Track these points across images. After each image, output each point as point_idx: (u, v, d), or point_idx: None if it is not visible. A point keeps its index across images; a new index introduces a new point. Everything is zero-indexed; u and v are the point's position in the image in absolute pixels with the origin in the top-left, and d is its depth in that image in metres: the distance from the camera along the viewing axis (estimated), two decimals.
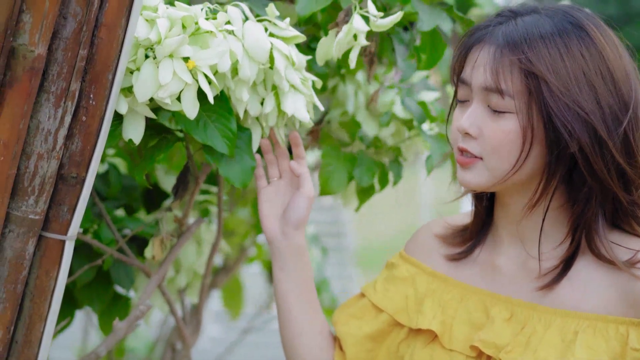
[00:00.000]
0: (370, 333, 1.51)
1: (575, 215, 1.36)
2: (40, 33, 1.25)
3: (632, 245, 1.35)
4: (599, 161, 1.31)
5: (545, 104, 1.30)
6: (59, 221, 1.38)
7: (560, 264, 1.37)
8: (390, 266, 1.57)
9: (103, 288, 1.76)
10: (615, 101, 1.33)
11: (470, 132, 1.36)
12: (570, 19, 1.35)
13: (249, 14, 1.45)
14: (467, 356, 1.39)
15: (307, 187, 1.54)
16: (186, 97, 1.36)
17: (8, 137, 1.27)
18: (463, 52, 1.40)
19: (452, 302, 1.45)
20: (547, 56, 1.31)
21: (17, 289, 1.37)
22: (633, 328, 1.31)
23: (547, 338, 1.34)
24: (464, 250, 1.49)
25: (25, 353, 1.41)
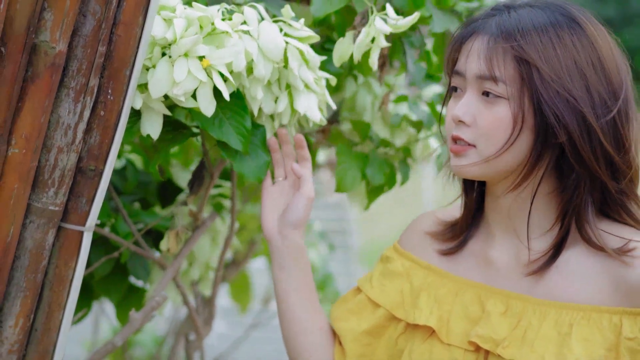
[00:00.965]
0: (368, 329, 1.53)
1: (563, 202, 1.39)
2: (61, 30, 1.29)
3: (622, 234, 1.37)
4: (587, 148, 1.34)
5: (536, 90, 1.34)
6: (77, 213, 1.42)
7: (550, 250, 1.39)
8: (385, 259, 1.58)
9: (119, 280, 1.80)
10: (605, 90, 1.36)
11: (464, 120, 1.38)
12: (563, 12, 1.38)
13: (264, 14, 1.49)
14: (466, 350, 1.41)
15: (307, 188, 1.56)
16: (201, 94, 1.40)
17: (30, 130, 1.31)
18: (457, 44, 1.43)
19: (448, 296, 1.47)
20: (539, 44, 1.35)
21: (37, 278, 1.41)
22: (626, 317, 1.33)
23: (543, 331, 1.36)
24: (455, 245, 1.51)
25: (44, 340, 1.46)
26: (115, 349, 1.58)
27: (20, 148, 1.31)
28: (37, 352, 1.45)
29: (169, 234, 1.64)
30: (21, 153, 1.31)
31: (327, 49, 1.69)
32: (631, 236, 1.37)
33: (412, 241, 1.57)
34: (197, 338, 1.92)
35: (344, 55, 1.56)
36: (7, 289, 1.40)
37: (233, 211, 1.75)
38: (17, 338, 1.43)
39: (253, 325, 3.03)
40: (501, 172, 1.39)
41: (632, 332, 1.32)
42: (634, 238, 1.36)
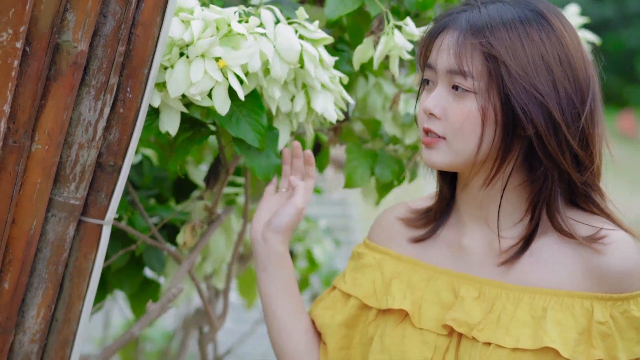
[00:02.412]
0: (342, 320, 1.56)
1: (533, 194, 1.43)
2: (82, 30, 1.33)
3: (592, 223, 1.42)
4: (553, 143, 1.38)
5: (503, 85, 1.37)
6: (97, 207, 1.47)
7: (521, 241, 1.44)
8: (357, 256, 1.62)
9: (134, 273, 1.85)
10: (572, 86, 1.39)
11: (435, 112, 1.42)
12: (532, 8, 1.42)
13: (280, 16, 1.54)
14: (438, 335, 1.45)
15: (297, 197, 1.58)
16: (217, 94, 1.45)
17: (52, 127, 1.36)
18: (429, 38, 1.47)
19: (420, 283, 1.50)
20: (507, 40, 1.38)
21: (58, 270, 1.46)
22: (597, 302, 1.38)
23: (517, 315, 1.40)
24: (428, 231, 1.54)
25: (64, 330, 1.51)
26: (133, 338, 1.63)
27: (43, 144, 1.36)
28: (57, 341, 1.51)
29: (185, 228, 1.69)
30: (44, 149, 1.36)
31: (339, 50, 1.73)
32: (601, 225, 1.42)
33: (381, 235, 1.60)
34: (210, 330, 1.96)
35: (363, 59, 1.61)
36: (29, 280, 1.45)
37: (246, 207, 1.79)
38: (38, 327, 1.47)
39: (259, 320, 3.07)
40: (471, 164, 1.43)
41: (603, 316, 1.37)
42: (604, 227, 1.41)
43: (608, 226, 1.42)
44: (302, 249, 2.98)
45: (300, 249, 2.98)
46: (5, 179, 1.33)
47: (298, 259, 3.02)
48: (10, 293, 1.41)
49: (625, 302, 1.38)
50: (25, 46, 1.29)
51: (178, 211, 1.82)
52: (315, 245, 2.96)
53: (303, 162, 1.63)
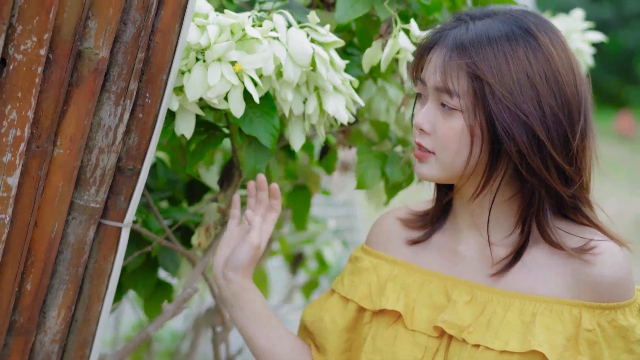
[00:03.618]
0: (344, 325, 1.58)
1: (522, 208, 1.46)
2: (104, 37, 1.36)
3: (583, 234, 1.45)
4: (537, 160, 1.40)
5: (487, 105, 1.39)
6: (116, 209, 1.50)
7: (512, 253, 1.46)
8: (354, 259, 1.64)
9: (148, 274, 1.88)
10: (558, 102, 1.40)
11: (424, 128, 1.46)
12: (521, 24, 1.43)
13: (292, 21, 1.57)
14: (430, 336, 1.48)
15: (252, 235, 1.55)
16: (233, 97, 1.48)
17: (74, 132, 1.39)
18: (420, 54, 1.50)
19: (414, 286, 1.53)
20: (492, 59, 1.39)
21: (79, 271, 1.49)
22: (585, 310, 1.41)
23: (507, 319, 1.43)
24: (424, 234, 1.57)
25: (84, 331, 1.54)
26: (148, 338, 1.66)
27: (65, 148, 1.39)
28: (77, 341, 1.54)
29: (200, 230, 1.72)
30: (66, 153, 1.39)
31: (349, 53, 1.76)
32: (591, 236, 1.44)
33: (378, 239, 1.63)
34: (223, 330, 2.00)
35: (372, 62, 1.65)
36: (50, 282, 1.48)
37: None
38: (59, 328, 1.51)
39: None
40: (460, 177, 1.46)
41: (591, 324, 1.41)
42: (594, 237, 1.44)
43: (597, 237, 1.44)
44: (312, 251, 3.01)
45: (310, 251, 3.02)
46: (29, 182, 1.36)
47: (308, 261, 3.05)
48: (32, 294, 1.44)
49: (613, 311, 1.42)
50: (48, 53, 1.32)
51: (191, 213, 1.86)
52: (325, 247, 2.99)
53: (269, 195, 1.63)
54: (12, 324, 1.45)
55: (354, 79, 1.64)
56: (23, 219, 1.37)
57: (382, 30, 1.65)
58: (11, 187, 1.33)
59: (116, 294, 1.88)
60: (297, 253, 3.09)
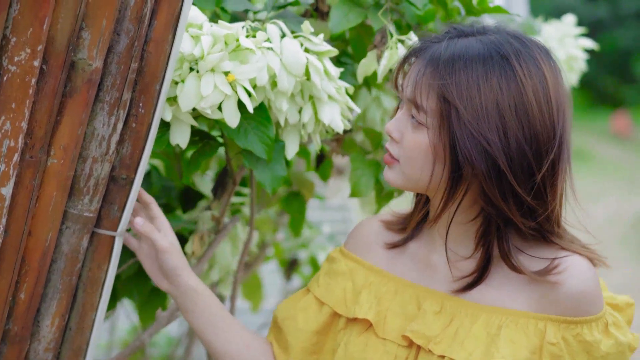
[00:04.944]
0: (316, 328, 1.58)
1: (479, 233, 1.46)
2: (97, 48, 1.37)
3: (546, 254, 1.45)
4: (495, 190, 1.39)
5: (452, 128, 1.39)
6: (109, 218, 1.51)
7: (474, 274, 1.47)
8: (331, 260, 1.64)
9: (142, 281, 1.89)
10: (525, 135, 1.38)
11: (393, 136, 1.47)
12: (501, 50, 1.41)
13: (286, 30, 1.58)
14: (400, 345, 1.49)
15: (157, 242, 1.55)
16: (227, 107, 1.49)
17: (68, 142, 1.39)
18: (403, 61, 1.51)
19: (388, 295, 1.54)
20: (464, 82, 1.38)
21: (72, 280, 1.50)
22: (550, 324, 1.42)
23: (473, 331, 1.44)
24: (402, 238, 1.58)
25: (78, 339, 1.54)
26: (142, 345, 1.67)
27: (58, 158, 1.40)
28: (71, 349, 1.54)
29: (194, 238, 1.73)
30: (59, 163, 1.40)
31: (343, 63, 1.77)
32: (554, 254, 1.44)
33: (357, 244, 1.64)
34: None
35: (367, 72, 1.66)
36: (44, 291, 1.49)
37: (252, 217, 1.83)
38: (52, 337, 1.51)
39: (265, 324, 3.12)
40: (425, 190, 1.47)
41: (555, 337, 1.41)
42: (558, 255, 1.44)
43: (561, 253, 1.44)
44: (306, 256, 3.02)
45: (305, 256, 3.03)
46: (22, 192, 1.37)
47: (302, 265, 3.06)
48: (26, 303, 1.45)
49: (579, 326, 1.42)
50: (42, 64, 1.32)
51: (185, 220, 1.86)
52: (319, 252, 3.00)
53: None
54: (6, 333, 1.45)
55: (349, 86, 1.65)
56: (17, 229, 1.38)
57: (377, 41, 1.66)
58: (5, 197, 1.33)
59: (110, 302, 1.89)
60: (291, 258, 3.10)
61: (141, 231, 1.55)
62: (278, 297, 3.50)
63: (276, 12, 1.71)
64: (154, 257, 1.58)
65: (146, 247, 1.59)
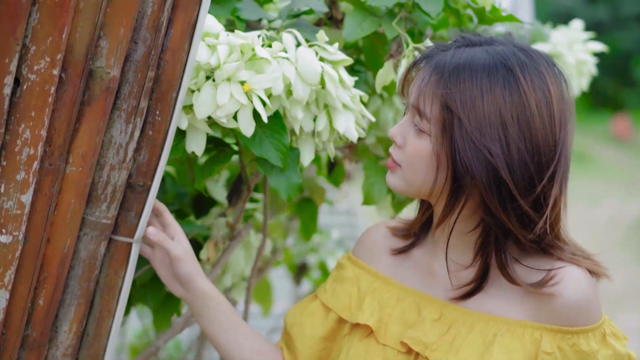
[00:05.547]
0: (323, 335, 1.61)
1: (479, 243, 1.47)
2: (115, 57, 1.39)
3: (543, 266, 1.45)
4: (495, 201, 1.39)
5: (453, 137, 1.39)
6: (126, 225, 1.53)
7: (472, 283, 1.48)
8: (340, 266, 1.67)
9: (157, 287, 1.90)
10: (527, 146, 1.39)
11: (396, 141, 1.48)
12: (506, 62, 1.41)
13: (301, 39, 1.59)
14: (399, 351, 1.50)
15: (171, 250, 1.56)
16: (242, 116, 1.50)
17: (86, 150, 1.41)
18: (411, 67, 1.52)
19: (390, 301, 1.55)
20: (468, 93, 1.39)
21: (90, 286, 1.52)
22: (547, 333, 1.43)
23: (469, 339, 1.45)
24: (407, 244, 1.59)
25: (95, 345, 1.56)
26: (157, 351, 1.68)
27: (77, 166, 1.41)
28: (88, 355, 1.56)
29: (208, 244, 1.75)
30: (78, 171, 1.41)
31: (356, 71, 1.78)
32: (551, 265, 1.45)
33: (364, 250, 1.65)
34: None
35: (385, 82, 1.67)
36: (62, 297, 1.50)
37: (265, 223, 1.85)
38: (70, 342, 1.53)
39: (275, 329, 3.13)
40: (428, 197, 1.48)
41: (551, 347, 1.42)
42: (554, 266, 1.44)
43: (558, 264, 1.45)
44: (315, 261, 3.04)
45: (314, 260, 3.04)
46: (41, 200, 1.38)
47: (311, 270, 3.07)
48: (45, 309, 1.47)
49: (575, 336, 1.43)
50: (61, 73, 1.34)
51: (198, 226, 1.88)
52: (328, 257, 3.01)
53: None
54: (25, 339, 1.47)
55: (363, 94, 1.66)
56: (36, 236, 1.40)
57: (393, 50, 1.67)
58: (25, 205, 1.35)
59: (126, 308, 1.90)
60: (300, 263, 3.11)
61: (154, 240, 1.57)
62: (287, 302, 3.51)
63: (290, 20, 1.73)
64: (168, 264, 1.60)
65: (159, 254, 1.60)
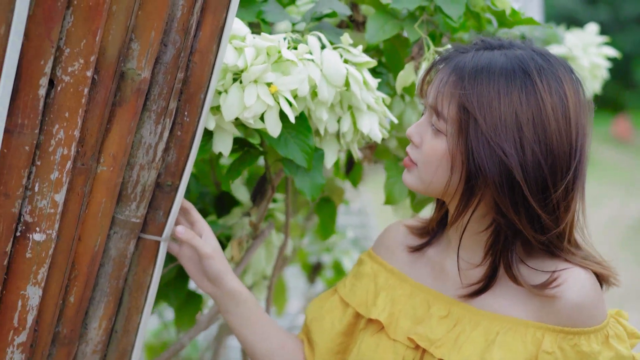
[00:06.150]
0: (342, 330, 1.64)
1: (489, 243, 1.49)
2: (146, 59, 1.41)
3: (549, 267, 1.47)
4: (507, 201, 1.42)
5: (468, 138, 1.42)
6: (155, 224, 1.55)
7: (481, 282, 1.50)
8: (360, 262, 1.71)
9: (179, 285, 1.93)
10: (542, 149, 1.41)
11: (414, 140, 1.51)
12: (524, 65, 1.44)
13: (325, 42, 1.62)
14: (408, 347, 1.54)
15: (200, 248, 1.59)
16: (269, 117, 1.53)
17: (117, 150, 1.44)
18: (430, 68, 1.54)
19: (402, 297, 1.59)
20: (485, 94, 1.42)
21: (119, 284, 1.54)
22: (549, 333, 1.45)
23: (472, 337, 1.48)
24: (422, 242, 1.62)
25: (123, 342, 1.59)
26: (182, 348, 1.71)
27: (108, 166, 1.44)
28: (117, 352, 1.59)
29: (232, 243, 1.77)
30: (109, 170, 1.44)
31: (378, 73, 1.81)
32: (555, 267, 1.47)
33: (382, 247, 1.69)
34: None
35: (405, 83, 1.70)
36: (92, 294, 1.53)
37: (287, 223, 1.87)
38: (100, 339, 1.56)
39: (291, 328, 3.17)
40: (438, 194, 1.51)
41: (552, 347, 1.44)
42: (558, 267, 1.46)
43: (562, 266, 1.46)
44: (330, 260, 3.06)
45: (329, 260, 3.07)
46: (74, 199, 1.41)
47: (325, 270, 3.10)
48: (76, 306, 1.49)
49: (577, 337, 1.44)
50: (93, 74, 1.37)
51: (221, 226, 1.90)
52: (343, 256, 3.04)
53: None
54: (56, 335, 1.50)
55: (386, 97, 1.68)
56: (68, 234, 1.42)
57: (414, 53, 1.69)
58: (58, 204, 1.38)
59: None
60: (315, 262, 3.13)
61: (183, 239, 1.59)
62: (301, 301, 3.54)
63: (314, 23, 1.75)
64: (196, 261, 1.62)
65: (187, 251, 1.63)
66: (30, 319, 1.41)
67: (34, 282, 1.39)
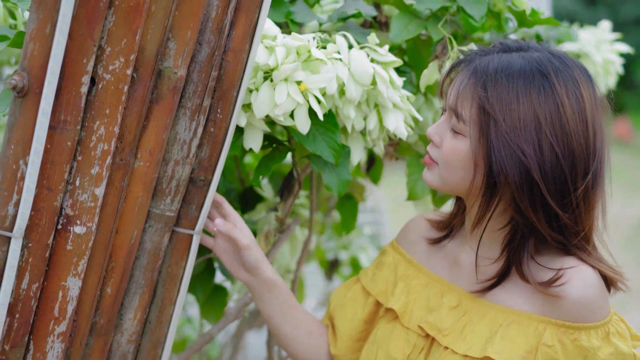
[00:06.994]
0: (363, 318, 1.71)
1: (505, 241, 1.53)
2: (182, 57, 1.46)
3: (556, 264, 1.50)
4: (526, 200, 1.45)
5: (489, 138, 1.45)
6: (188, 218, 1.60)
7: (494, 278, 1.54)
8: (383, 253, 1.77)
9: (206, 279, 1.97)
10: (560, 150, 1.44)
11: (434, 139, 1.55)
12: (542, 68, 1.47)
13: (353, 41, 1.66)
14: (419, 335, 1.59)
15: (238, 239, 1.64)
16: (299, 114, 1.57)
17: (154, 145, 1.48)
18: (451, 69, 1.59)
19: (418, 287, 1.65)
20: (504, 95, 1.45)
21: (153, 276, 1.59)
22: (550, 327, 1.48)
23: (478, 327, 1.53)
24: (442, 236, 1.68)
25: (157, 332, 1.63)
26: (211, 339, 1.75)
27: (144, 161, 1.48)
28: (150, 342, 1.63)
29: (260, 237, 1.82)
30: (145, 165, 1.49)
31: (402, 72, 1.85)
32: (561, 264, 1.50)
33: (405, 239, 1.75)
34: None
35: (429, 82, 1.74)
36: (127, 286, 1.57)
37: (312, 219, 1.92)
38: (134, 329, 1.60)
39: None
40: (464, 193, 1.55)
41: (552, 340, 1.47)
42: (564, 264, 1.50)
43: (568, 263, 1.49)
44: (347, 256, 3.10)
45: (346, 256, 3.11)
46: (112, 193, 1.46)
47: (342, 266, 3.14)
48: (112, 297, 1.54)
49: (577, 331, 1.47)
50: (133, 73, 1.41)
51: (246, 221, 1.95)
52: (360, 253, 3.08)
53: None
54: (94, 325, 1.54)
55: (411, 95, 1.73)
56: (106, 227, 1.47)
57: (438, 52, 1.74)
58: (98, 198, 1.42)
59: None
60: (332, 259, 3.18)
61: (222, 231, 1.64)
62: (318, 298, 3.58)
63: (340, 23, 1.80)
64: (231, 251, 1.68)
65: (222, 243, 1.68)
66: (70, 309, 1.46)
67: (74, 274, 1.44)
